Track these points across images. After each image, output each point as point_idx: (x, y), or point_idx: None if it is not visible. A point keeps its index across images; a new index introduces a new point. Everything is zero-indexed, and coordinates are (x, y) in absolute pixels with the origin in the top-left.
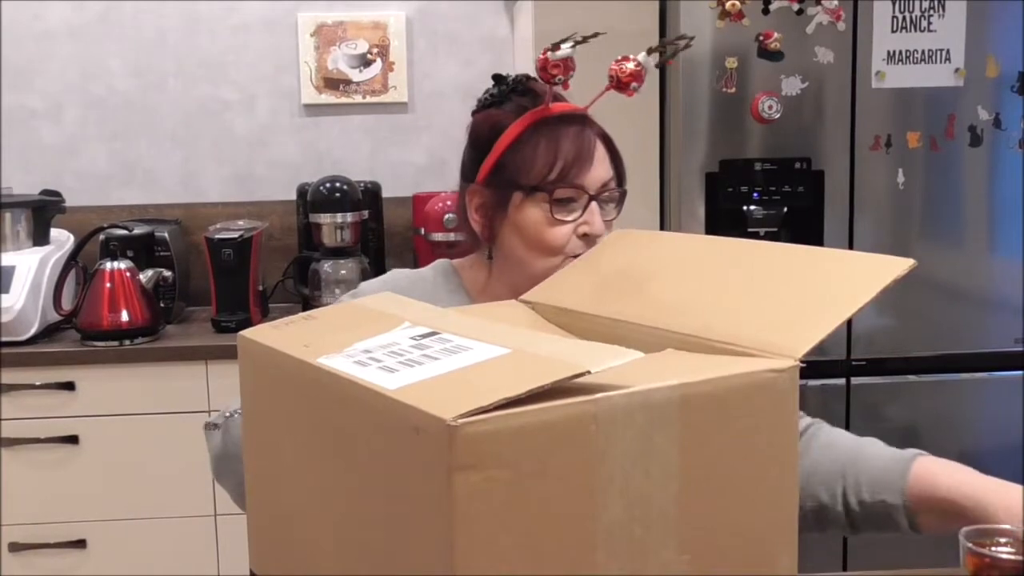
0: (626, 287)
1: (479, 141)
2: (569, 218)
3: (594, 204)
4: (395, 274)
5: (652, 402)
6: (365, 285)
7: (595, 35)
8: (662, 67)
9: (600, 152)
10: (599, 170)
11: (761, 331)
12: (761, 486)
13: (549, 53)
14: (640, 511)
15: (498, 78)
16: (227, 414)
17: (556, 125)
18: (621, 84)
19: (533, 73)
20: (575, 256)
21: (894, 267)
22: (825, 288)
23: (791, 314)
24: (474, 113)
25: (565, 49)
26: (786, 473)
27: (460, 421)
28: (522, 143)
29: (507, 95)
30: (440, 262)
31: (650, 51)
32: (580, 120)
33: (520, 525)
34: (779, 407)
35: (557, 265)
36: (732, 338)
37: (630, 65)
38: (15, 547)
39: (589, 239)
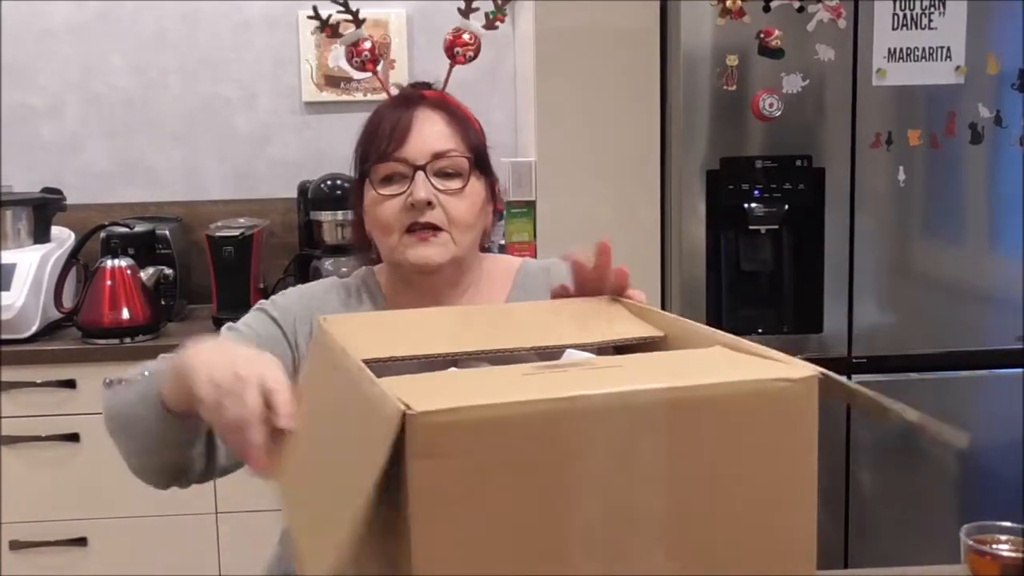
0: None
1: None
2: (394, 192)
3: (419, 175)
4: (296, 291)
5: (636, 404)
6: (280, 296)
7: None
8: (661, 65)
9: (428, 124)
10: (426, 141)
11: None
12: (772, 499)
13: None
14: (623, 514)
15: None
16: (113, 380)
17: (384, 110)
18: (451, 53)
19: (535, 72)
20: (412, 229)
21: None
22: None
23: None
24: None
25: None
26: (802, 487)
27: (418, 410)
28: (361, 133)
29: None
30: (363, 268)
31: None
32: (408, 100)
33: (484, 516)
34: (792, 417)
35: (399, 242)
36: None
37: (464, 36)
38: (16, 545)
39: (415, 209)
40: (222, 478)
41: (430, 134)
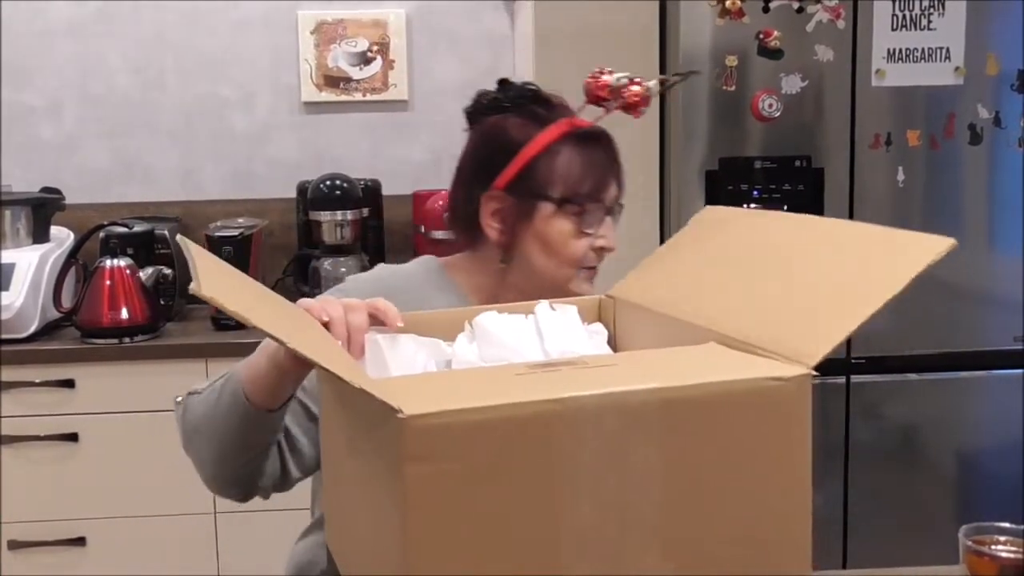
0: (689, 282)
1: (495, 146)
2: (591, 231)
3: (608, 218)
4: (381, 270)
5: (627, 405)
6: (351, 281)
7: (692, 72)
8: (661, 65)
9: (614, 169)
10: (614, 186)
11: (789, 333)
12: (765, 497)
13: (613, 81)
14: (615, 514)
15: (504, 82)
16: (190, 391)
17: (586, 140)
18: (628, 106)
19: (534, 73)
20: (587, 268)
21: (931, 249)
22: (861, 279)
23: (821, 313)
24: (473, 115)
25: (620, 78)
26: (795, 483)
27: (411, 414)
28: (553, 154)
29: (517, 101)
30: (426, 258)
31: (661, 80)
32: (607, 137)
33: (476, 517)
34: (785, 416)
35: (574, 276)
36: (765, 341)
37: (636, 88)
38: (14, 545)
39: (603, 252)
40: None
41: (614, 179)
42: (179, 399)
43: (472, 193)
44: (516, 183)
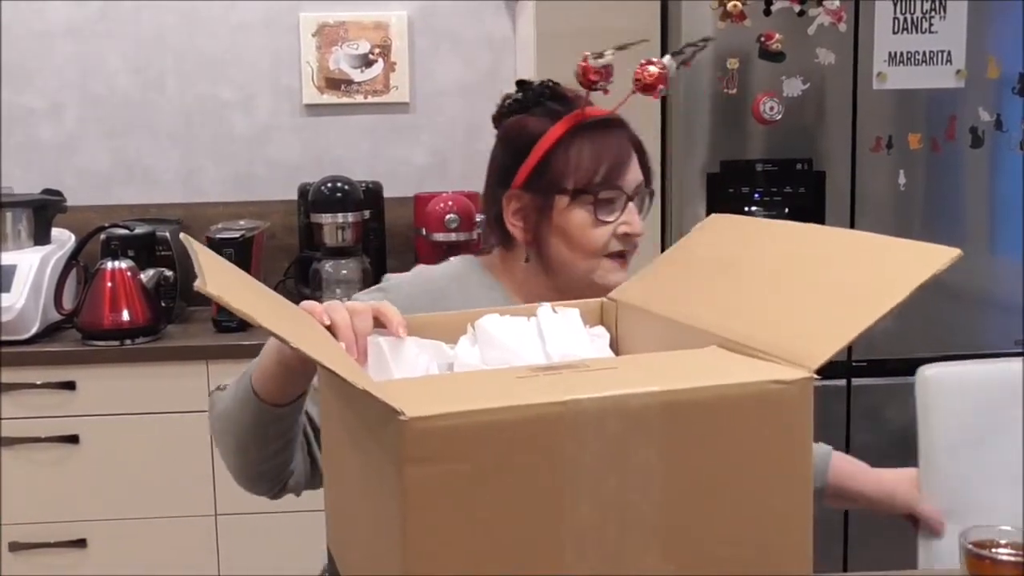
0: (692, 286)
1: (514, 146)
2: (610, 219)
3: (631, 204)
4: (420, 271)
5: (628, 408)
6: (393, 281)
7: (639, 42)
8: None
9: (633, 154)
10: (634, 172)
11: (792, 337)
12: (766, 499)
13: (591, 60)
14: (616, 517)
15: (523, 83)
16: (217, 387)
17: (596, 129)
18: (647, 87)
19: (535, 74)
20: (614, 254)
21: (936, 259)
22: (864, 286)
23: (823, 318)
24: (497, 118)
25: (607, 56)
26: (796, 486)
27: (413, 416)
28: (563, 147)
29: (536, 100)
30: (464, 258)
31: (674, 54)
32: (618, 124)
33: (477, 519)
34: (786, 419)
35: (598, 265)
36: (766, 345)
37: (654, 68)
38: (15, 547)
39: (629, 238)
40: (220, 481)
41: (634, 164)
42: (212, 391)
43: (496, 195)
44: (532, 180)
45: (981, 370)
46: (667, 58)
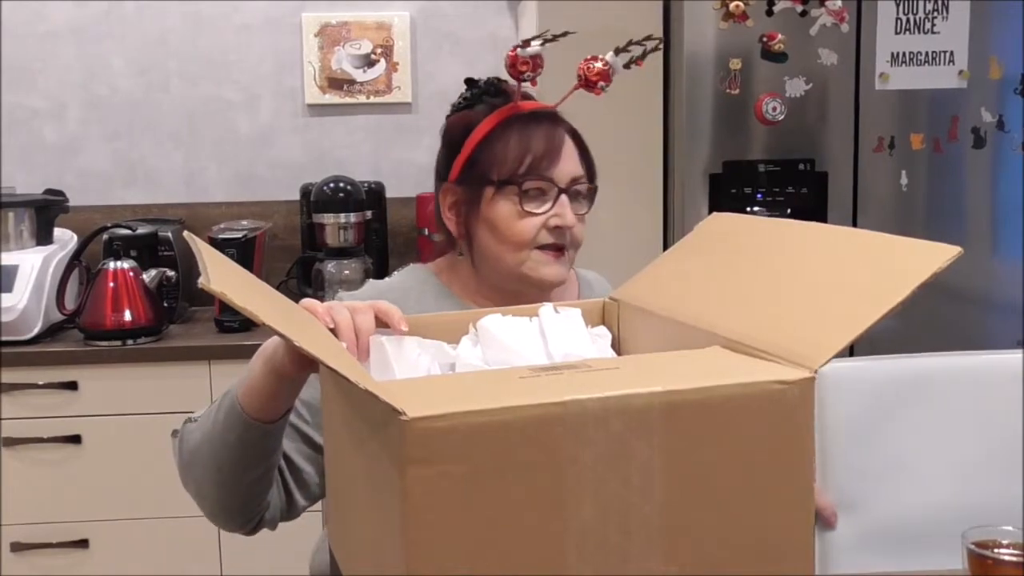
0: (694, 286)
1: (452, 141)
2: (539, 210)
3: (564, 197)
4: (374, 286)
5: (630, 408)
6: (347, 298)
7: (564, 34)
8: (664, 68)
9: (569, 148)
10: (568, 165)
11: (794, 337)
12: (768, 500)
13: (519, 50)
14: (617, 517)
15: (470, 82)
16: (186, 419)
17: (526, 121)
18: (588, 83)
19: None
20: (546, 247)
21: (937, 257)
22: (866, 285)
23: (825, 317)
24: (447, 117)
25: (535, 46)
26: (798, 486)
27: (415, 416)
28: (493, 139)
29: (479, 97)
30: (414, 267)
31: (617, 51)
32: (549, 116)
33: (478, 519)
34: (788, 419)
35: (528, 257)
36: (768, 345)
37: (598, 64)
38: (17, 547)
39: (560, 231)
40: None
41: (570, 157)
42: (176, 431)
43: (437, 191)
44: (464, 173)
45: (875, 367)
46: (610, 55)
